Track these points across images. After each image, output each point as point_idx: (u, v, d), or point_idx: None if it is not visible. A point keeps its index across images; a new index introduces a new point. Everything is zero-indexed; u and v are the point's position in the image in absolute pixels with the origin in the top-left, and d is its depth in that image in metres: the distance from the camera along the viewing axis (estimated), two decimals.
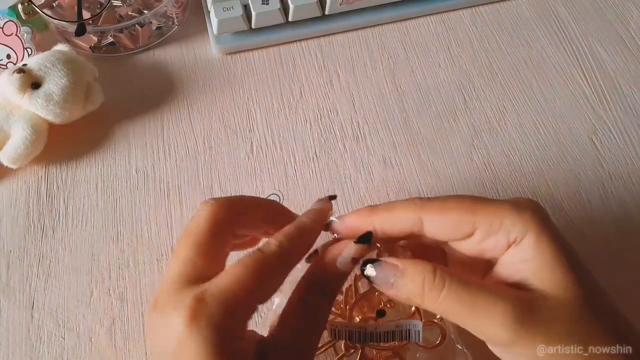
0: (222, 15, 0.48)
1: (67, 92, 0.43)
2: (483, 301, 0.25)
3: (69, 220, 0.42)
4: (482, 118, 0.47)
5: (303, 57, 0.50)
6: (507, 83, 0.49)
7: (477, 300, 0.25)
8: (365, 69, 0.50)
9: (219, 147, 0.46)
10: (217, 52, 0.50)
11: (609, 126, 0.47)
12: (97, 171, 0.45)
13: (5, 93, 0.43)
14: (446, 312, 0.26)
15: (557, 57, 0.50)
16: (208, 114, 0.47)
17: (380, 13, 0.51)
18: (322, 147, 0.46)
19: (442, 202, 0.28)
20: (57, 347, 0.38)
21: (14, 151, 0.42)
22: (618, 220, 0.42)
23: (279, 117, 0.47)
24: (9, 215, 0.43)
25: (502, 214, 0.27)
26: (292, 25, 0.50)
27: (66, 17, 0.48)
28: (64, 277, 0.40)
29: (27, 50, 0.47)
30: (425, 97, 0.48)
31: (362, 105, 0.48)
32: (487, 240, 0.27)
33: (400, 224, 0.29)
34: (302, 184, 0.44)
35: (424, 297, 0.26)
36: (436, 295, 0.26)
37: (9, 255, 0.41)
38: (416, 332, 0.31)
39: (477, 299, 0.25)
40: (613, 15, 0.52)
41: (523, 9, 0.53)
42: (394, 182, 0.44)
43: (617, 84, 0.49)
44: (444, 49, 0.51)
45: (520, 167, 0.45)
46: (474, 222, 0.27)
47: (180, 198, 0.43)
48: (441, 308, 0.26)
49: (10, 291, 0.40)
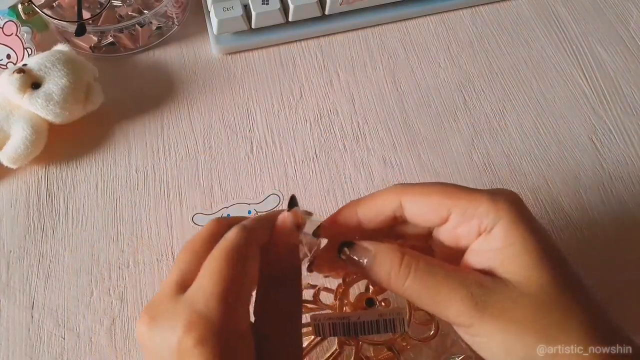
0: (222, 15, 0.48)
1: (67, 92, 0.43)
2: (444, 287, 0.26)
3: (69, 220, 0.42)
4: (482, 118, 0.47)
5: (303, 57, 0.50)
6: (507, 83, 0.49)
7: (439, 286, 0.26)
8: (365, 69, 0.50)
9: (219, 147, 0.46)
10: (217, 52, 0.50)
11: (609, 126, 0.47)
12: (97, 171, 0.45)
13: (5, 93, 0.43)
14: (412, 297, 0.27)
15: (557, 57, 0.50)
16: (208, 114, 0.47)
17: (380, 13, 0.51)
18: (322, 147, 0.46)
19: (422, 186, 0.29)
20: (57, 347, 0.38)
21: (14, 151, 0.42)
22: (618, 220, 0.42)
23: (279, 117, 0.47)
24: (9, 215, 0.43)
25: (478, 202, 0.27)
26: (292, 25, 0.51)
27: (66, 17, 0.48)
28: (64, 277, 0.40)
29: (27, 50, 0.47)
30: (425, 97, 0.48)
31: (362, 105, 0.48)
32: (461, 226, 0.28)
33: (382, 209, 0.29)
34: (302, 184, 0.44)
35: (390, 281, 0.27)
36: (402, 280, 0.27)
37: (9, 255, 0.41)
38: (400, 321, 0.31)
39: (440, 285, 0.26)
40: (613, 15, 0.52)
41: (523, 9, 0.53)
42: (394, 182, 0.44)
43: (617, 84, 0.49)
44: (444, 49, 0.51)
45: (520, 167, 0.45)
46: (449, 207, 0.28)
47: (180, 198, 0.43)
48: (407, 292, 0.27)
49: (10, 291, 0.40)
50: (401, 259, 0.27)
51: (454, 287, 0.26)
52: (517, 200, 0.28)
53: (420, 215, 0.29)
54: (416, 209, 0.29)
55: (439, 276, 0.26)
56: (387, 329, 0.31)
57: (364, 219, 0.30)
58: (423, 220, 0.29)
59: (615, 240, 0.42)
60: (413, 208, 0.29)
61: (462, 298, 0.26)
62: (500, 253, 0.27)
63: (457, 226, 0.28)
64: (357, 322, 0.31)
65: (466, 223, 0.28)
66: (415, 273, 0.27)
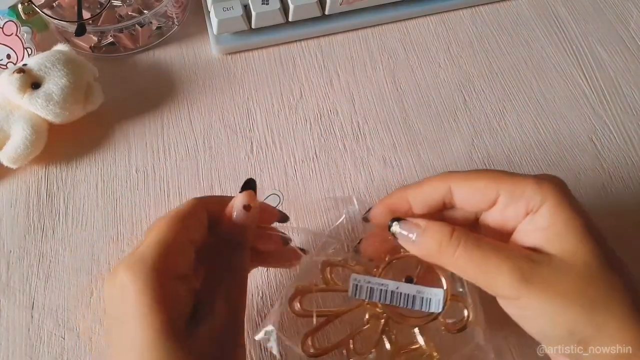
0: (222, 15, 0.48)
1: (67, 92, 0.43)
2: (493, 259, 0.27)
3: (69, 220, 0.42)
4: (482, 118, 0.47)
5: (303, 57, 0.50)
6: (507, 83, 0.49)
7: (488, 258, 0.27)
8: (365, 69, 0.50)
9: (219, 147, 0.46)
10: (217, 52, 0.50)
11: (609, 126, 0.47)
12: (97, 171, 0.45)
13: (5, 93, 0.43)
14: (459, 268, 0.29)
15: (557, 57, 0.50)
16: (208, 114, 0.47)
17: (380, 13, 0.51)
18: (322, 147, 0.46)
19: (470, 172, 0.31)
20: (57, 347, 0.38)
21: (14, 151, 0.42)
22: (618, 220, 0.42)
23: (279, 117, 0.47)
24: (9, 215, 0.43)
25: (524, 184, 0.29)
26: (292, 25, 0.51)
27: (66, 17, 0.48)
28: (64, 277, 0.40)
29: (27, 50, 0.47)
30: (425, 97, 0.48)
31: (362, 105, 0.48)
32: (509, 208, 0.29)
33: (432, 195, 0.31)
34: (302, 184, 0.44)
35: (440, 253, 0.29)
36: (451, 252, 0.28)
37: (9, 255, 0.41)
38: (437, 301, 0.31)
39: (488, 257, 0.27)
40: (613, 15, 0.52)
41: (523, 9, 0.53)
42: (394, 182, 0.44)
43: (617, 84, 0.49)
44: (444, 49, 0.51)
45: (520, 167, 0.45)
46: (497, 190, 0.29)
47: (180, 198, 0.43)
48: (456, 263, 0.28)
49: (10, 291, 0.40)
50: (451, 232, 0.28)
51: (502, 260, 0.27)
52: (561, 184, 0.29)
53: (469, 200, 0.30)
54: (465, 194, 0.30)
55: (488, 249, 0.28)
56: (423, 306, 0.31)
57: (414, 204, 0.31)
58: (471, 204, 0.30)
59: (615, 240, 0.41)
60: (462, 193, 0.30)
61: (511, 271, 0.27)
62: (547, 231, 0.28)
63: (505, 208, 0.29)
64: (395, 291, 0.31)
65: (514, 205, 0.29)
66: (465, 244, 0.28)
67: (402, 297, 0.31)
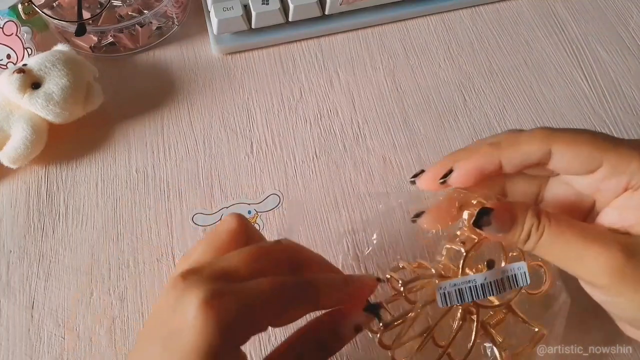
0: (222, 15, 0.48)
1: (67, 92, 0.43)
2: (588, 246, 0.26)
3: (69, 220, 0.42)
4: (482, 118, 0.47)
5: (303, 57, 0.50)
6: (507, 83, 0.49)
7: (582, 246, 0.26)
8: (365, 69, 0.50)
9: (219, 147, 0.46)
10: (217, 52, 0.50)
11: (609, 126, 0.47)
12: (97, 171, 0.45)
13: (5, 93, 0.43)
14: (550, 255, 0.27)
15: (557, 57, 0.50)
16: (208, 114, 0.47)
17: (380, 13, 0.51)
18: (322, 147, 0.46)
19: (574, 134, 0.28)
20: (57, 347, 0.38)
21: (14, 151, 0.42)
22: None
23: (279, 117, 0.47)
24: (9, 215, 0.43)
25: (631, 157, 0.27)
26: (292, 25, 0.50)
27: (66, 17, 0.48)
28: (64, 277, 0.40)
29: (27, 50, 0.47)
30: (425, 97, 0.48)
31: (362, 105, 0.48)
32: (609, 180, 0.27)
33: (530, 155, 0.28)
34: (302, 184, 0.44)
35: (529, 241, 0.27)
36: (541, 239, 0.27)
37: (9, 255, 0.41)
38: (522, 274, 0.30)
39: (582, 244, 0.26)
40: (613, 15, 0.52)
41: (523, 9, 0.53)
42: (394, 182, 0.44)
43: (617, 84, 0.49)
44: (444, 49, 0.51)
45: None
46: (601, 160, 0.27)
47: (180, 198, 0.43)
48: (547, 252, 0.27)
49: (10, 291, 0.40)
50: (539, 218, 0.27)
51: (599, 247, 0.26)
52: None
53: (568, 166, 0.28)
54: (566, 160, 0.28)
55: (580, 235, 0.26)
56: (511, 285, 0.30)
57: (507, 165, 0.29)
58: (568, 169, 0.28)
59: None
60: (563, 158, 0.28)
61: (607, 259, 0.25)
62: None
63: (604, 179, 0.27)
64: (484, 283, 0.29)
65: (614, 178, 0.27)
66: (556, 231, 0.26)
67: (493, 286, 0.30)
